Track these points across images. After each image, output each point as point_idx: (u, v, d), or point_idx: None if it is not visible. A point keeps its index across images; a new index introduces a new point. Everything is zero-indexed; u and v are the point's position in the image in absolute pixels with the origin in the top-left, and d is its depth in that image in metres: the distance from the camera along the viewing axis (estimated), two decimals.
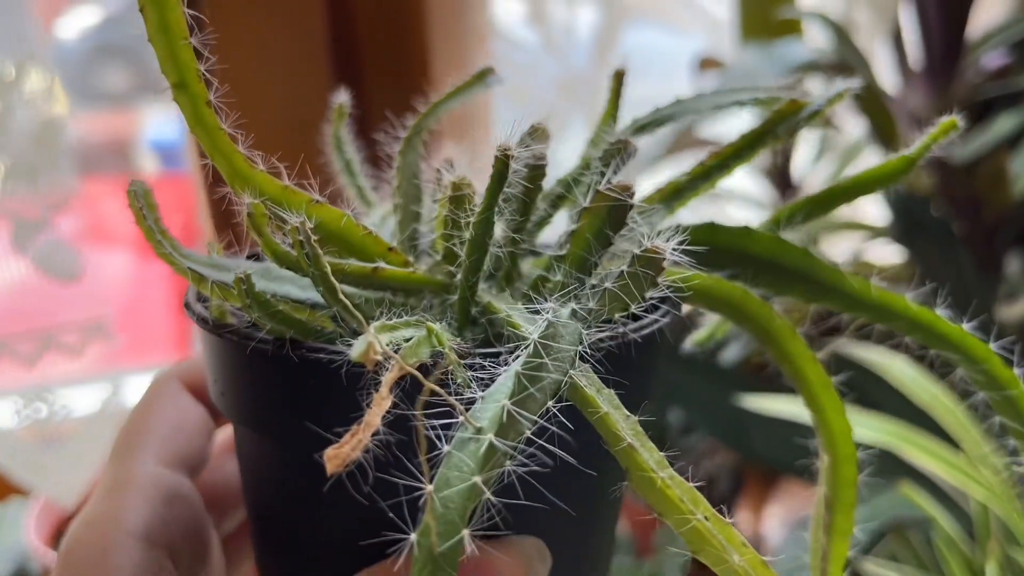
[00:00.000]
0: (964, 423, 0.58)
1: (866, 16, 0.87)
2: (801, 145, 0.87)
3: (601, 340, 0.23)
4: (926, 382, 0.60)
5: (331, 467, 0.20)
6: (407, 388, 0.21)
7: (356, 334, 0.23)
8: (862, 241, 0.80)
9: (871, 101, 0.70)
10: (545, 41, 0.72)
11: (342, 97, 0.33)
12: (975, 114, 0.87)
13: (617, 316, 0.24)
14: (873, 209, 0.82)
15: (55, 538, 0.74)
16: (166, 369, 0.31)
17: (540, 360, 0.21)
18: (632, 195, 0.23)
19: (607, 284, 0.23)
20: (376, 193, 0.33)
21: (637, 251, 0.22)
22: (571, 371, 0.22)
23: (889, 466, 0.58)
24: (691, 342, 0.35)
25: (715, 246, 0.27)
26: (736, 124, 0.84)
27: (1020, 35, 0.83)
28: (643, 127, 0.33)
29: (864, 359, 0.64)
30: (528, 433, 0.20)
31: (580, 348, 0.22)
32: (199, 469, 0.30)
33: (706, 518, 0.20)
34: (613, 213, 0.23)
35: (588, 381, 0.22)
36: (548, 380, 0.21)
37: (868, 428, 0.56)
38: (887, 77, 0.85)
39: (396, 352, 0.21)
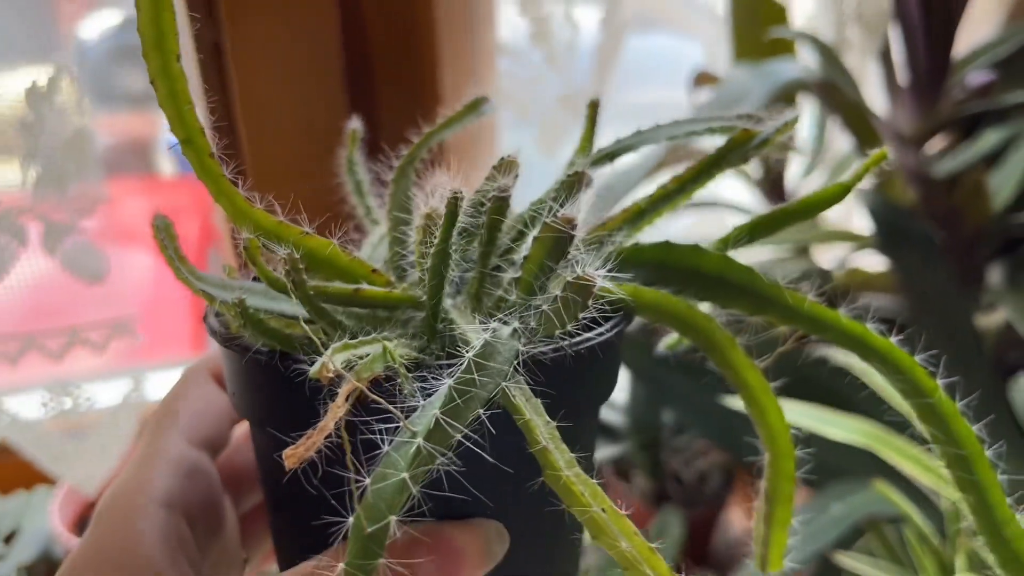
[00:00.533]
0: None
1: (857, 36, 0.90)
2: (794, 159, 0.90)
3: (543, 354, 0.26)
4: None
5: (288, 464, 0.23)
6: (367, 398, 0.24)
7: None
8: (850, 251, 0.83)
9: (856, 118, 0.73)
10: (548, 57, 0.75)
11: (355, 124, 0.36)
12: (963, 129, 0.90)
13: (570, 328, 0.26)
14: (860, 220, 0.85)
15: (78, 524, 0.77)
16: (198, 360, 0.35)
17: (471, 376, 0.24)
18: (574, 227, 0.26)
19: (543, 307, 0.26)
20: (382, 211, 0.36)
21: (569, 278, 0.25)
22: (504, 383, 0.24)
23: (866, 465, 0.61)
24: (663, 346, 0.38)
25: (669, 263, 0.30)
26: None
27: (1004, 54, 0.86)
28: (605, 156, 0.36)
29: (848, 364, 0.66)
30: (458, 437, 0.23)
31: (515, 362, 0.25)
32: (219, 450, 0.34)
33: (603, 510, 0.22)
34: (556, 244, 0.26)
35: (520, 392, 0.25)
36: (476, 394, 0.24)
37: (846, 429, 0.59)
38: (877, 94, 0.88)
39: (352, 368, 0.24)
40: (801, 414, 0.59)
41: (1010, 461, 0.59)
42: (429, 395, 0.24)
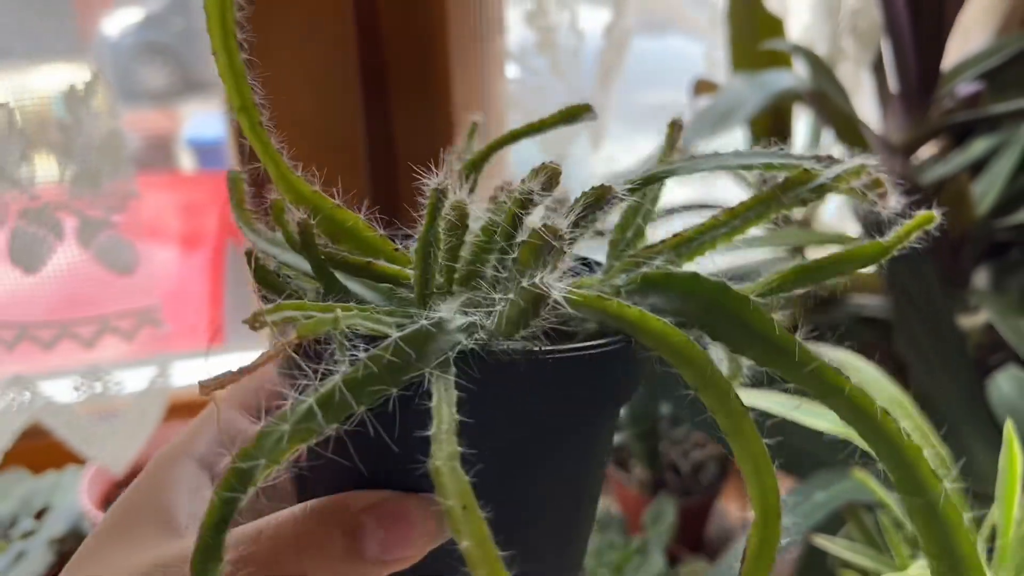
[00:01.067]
0: (915, 419, 0.63)
1: (852, 47, 0.93)
2: None
3: (489, 352, 0.26)
4: (887, 383, 0.66)
5: (200, 392, 0.24)
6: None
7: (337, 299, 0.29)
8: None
9: (846, 127, 0.76)
10: (552, 66, 0.79)
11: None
12: (957, 137, 0.93)
13: (524, 334, 0.26)
14: (853, 223, 0.88)
15: (105, 501, 0.82)
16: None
17: (382, 355, 0.24)
18: (559, 237, 0.26)
19: (499, 307, 0.26)
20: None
21: (524, 284, 0.25)
22: (428, 369, 0.24)
23: (838, 447, 0.64)
24: None
25: (670, 288, 0.29)
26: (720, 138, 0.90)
27: (993, 65, 0.88)
28: (653, 177, 0.33)
29: (837, 360, 0.69)
30: (358, 408, 0.23)
31: (449, 354, 0.25)
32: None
33: (464, 507, 0.22)
34: (538, 251, 0.26)
35: (442, 382, 0.25)
36: (380, 373, 0.24)
37: (827, 420, 0.62)
38: (871, 103, 0.91)
39: (292, 323, 0.25)
40: (787, 405, 0.62)
41: (986, 453, 0.63)
42: None
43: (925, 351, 0.74)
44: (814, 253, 0.93)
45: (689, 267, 0.32)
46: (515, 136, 0.36)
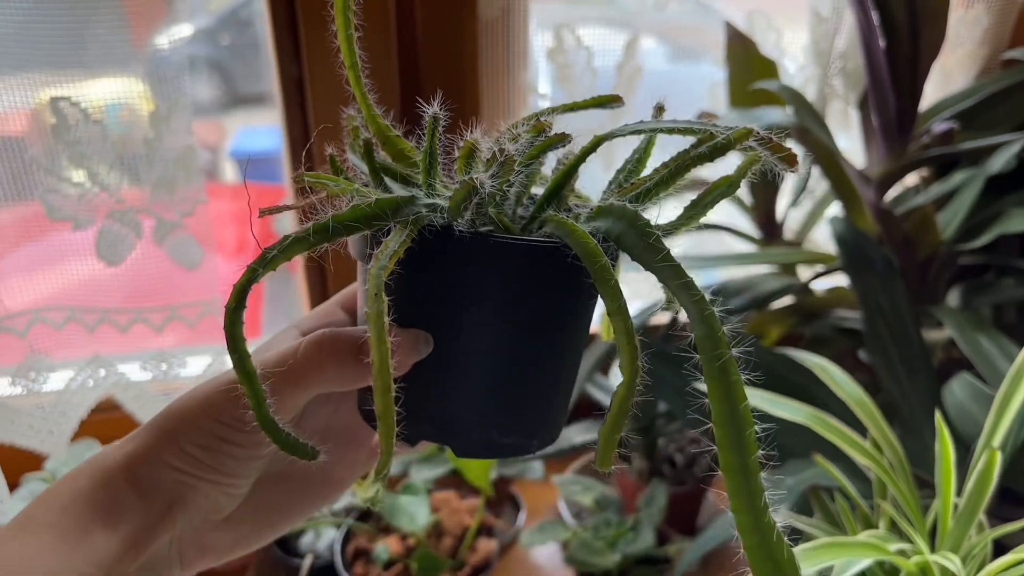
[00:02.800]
0: (873, 415, 0.71)
1: (841, 86, 1.01)
2: (784, 192, 1.01)
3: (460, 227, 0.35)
4: (852, 385, 0.74)
5: (258, 215, 0.35)
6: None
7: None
8: (823, 269, 0.94)
9: (827, 160, 0.84)
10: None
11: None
12: (940, 170, 1.01)
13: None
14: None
15: None
16: None
17: (362, 206, 0.34)
18: (506, 154, 0.35)
19: (448, 193, 0.37)
20: None
21: (464, 178, 0.35)
22: (393, 222, 0.34)
23: (807, 442, 0.72)
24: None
25: (608, 215, 0.35)
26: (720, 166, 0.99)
27: (968, 106, 0.97)
28: (602, 139, 0.39)
29: (809, 362, 0.77)
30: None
31: (408, 217, 0.34)
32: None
33: (376, 294, 0.31)
34: (492, 161, 0.36)
35: (400, 230, 0.34)
36: (357, 217, 0.34)
37: (791, 411, 0.71)
38: (858, 138, 0.99)
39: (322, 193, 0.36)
40: (756, 397, 0.71)
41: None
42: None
43: (892, 360, 0.82)
44: (803, 270, 1.02)
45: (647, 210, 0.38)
46: (552, 111, 0.43)
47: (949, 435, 0.65)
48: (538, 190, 0.41)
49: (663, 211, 0.40)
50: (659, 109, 0.42)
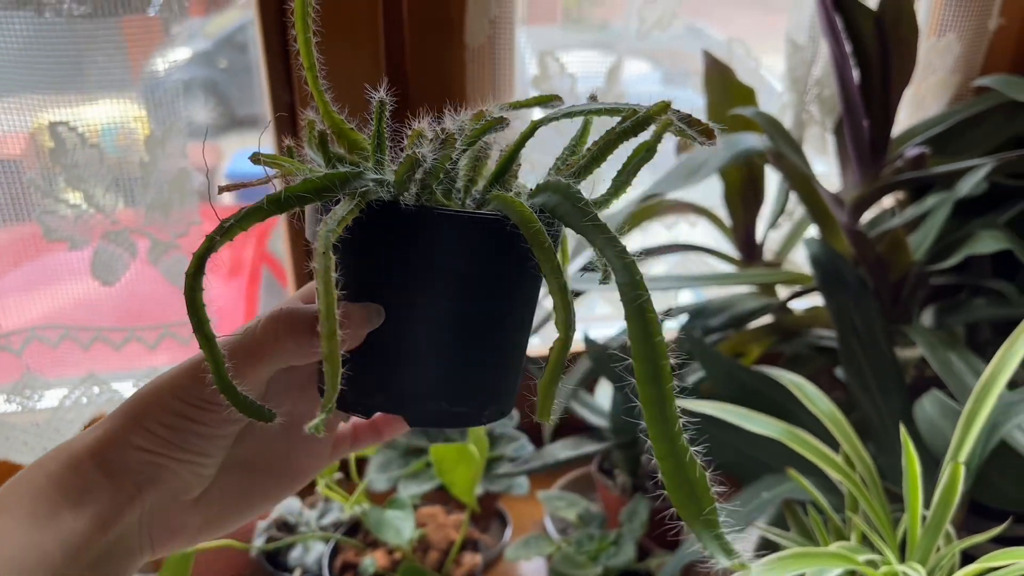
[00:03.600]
0: (846, 430, 0.73)
1: (817, 112, 1.04)
2: (763, 213, 1.04)
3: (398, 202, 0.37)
4: (825, 400, 0.76)
5: (218, 192, 0.37)
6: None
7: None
8: (800, 289, 0.97)
9: (802, 183, 0.87)
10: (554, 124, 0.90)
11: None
12: (915, 193, 1.03)
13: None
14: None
15: None
16: None
17: (313, 179, 0.36)
18: (448, 133, 0.37)
19: (394, 167, 0.39)
20: None
21: (408, 152, 0.37)
22: (341, 194, 0.36)
23: (785, 457, 0.74)
24: None
25: (547, 190, 0.38)
26: (702, 191, 1.01)
27: (939, 131, 0.99)
28: (543, 122, 0.42)
29: (785, 380, 0.79)
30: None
31: (357, 190, 0.36)
32: None
33: (323, 252, 0.33)
34: (434, 140, 0.38)
35: (347, 201, 0.36)
36: (308, 190, 0.36)
37: (763, 426, 0.72)
38: (835, 163, 1.02)
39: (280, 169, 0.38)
40: (730, 412, 0.73)
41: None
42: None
43: (866, 378, 0.84)
44: (782, 290, 1.04)
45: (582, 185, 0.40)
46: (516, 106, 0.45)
47: (915, 450, 0.67)
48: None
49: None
50: (592, 99, 0.44)
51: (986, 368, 0.70)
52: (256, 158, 0.40)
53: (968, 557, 0.65)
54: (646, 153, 0.39)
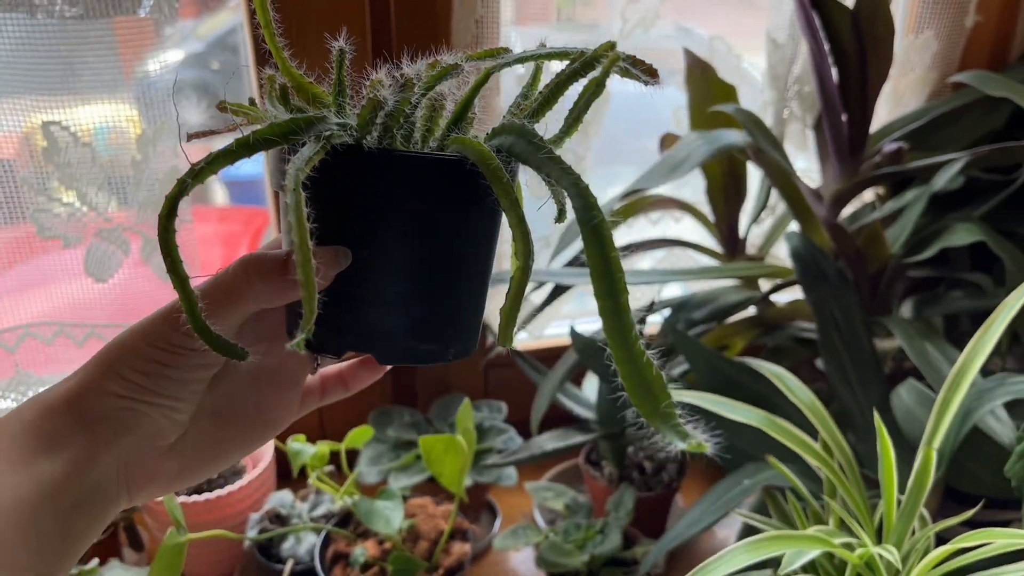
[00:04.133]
0: (825, 419, 0.75)
1: (798, 108, 1.06)
2: (746, 207, 1.05)
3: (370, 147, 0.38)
4: (805, 390, 0.78)
5: (187, 140, 0.38)
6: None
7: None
8: (781, 282, 0.98)
9: (781, 178, 0.88)
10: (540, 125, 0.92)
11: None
12: (895, 187, 1.05)
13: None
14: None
15: None
16: None
17: (279, 123, 0.37)
18: (406, 78, 0.38)
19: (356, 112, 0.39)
20: None
21: (370, 95, 0.38)
22: (306, 137, 0.37)
23: (765, 446, 0.75)
24: None
25: (504, 132, 0.39)
26: (688, 187, 1.03)
27: (917, 126, 1.01)
28: (497, 67, 0.42)
29: (768, 370, 0.81)
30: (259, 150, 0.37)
31: (321, 133, 0.37)
32: None
33: (294, 189, 0.35)
34: (393, 85, 0.39)
35: (312, 144, 0.36)
36: (275, 133, 0.37)
37: (743, 415, 0.74)
38: (814, 162, 1.03)
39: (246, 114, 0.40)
40: (712, 402, 0.74)
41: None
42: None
43: (845, 368, 0.86)
44: (764, 284, 1.06)
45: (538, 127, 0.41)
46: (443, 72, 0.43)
47: (891, 438, 0.68)
48: None
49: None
50: (542, 45, 0.45)
51: (959, 356, 0.72)
52: (222, 106, 0.41)
53: (943, 540, 0.67)
54: (596, 88, 0.40)
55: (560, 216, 0.44)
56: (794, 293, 1.03)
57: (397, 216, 0.40)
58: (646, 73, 0.38)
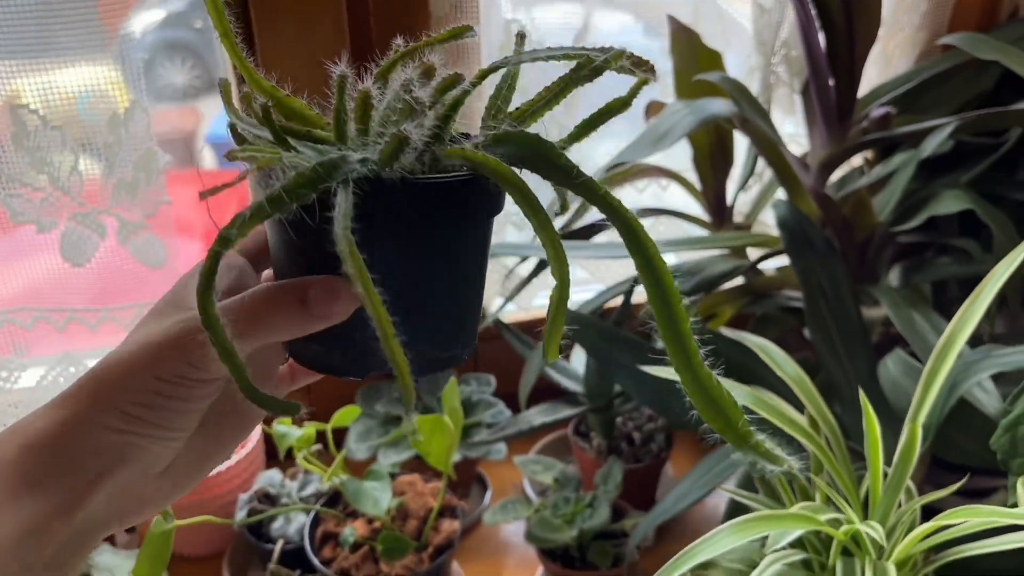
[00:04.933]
0: (811, 393, 0.75)
1: (785, 73, 1.04)
2: (733, 177, 1.04)
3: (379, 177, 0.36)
4: (790, 362, 0.77)
5: (199, 199, 0.35)
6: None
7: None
8: (768, 251, 0.97)
9: (768, 147, 0.87)
10: (520, 87, 0.90)
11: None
12: (883, 152, 1.04)
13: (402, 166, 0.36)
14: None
15: None
16: None
17: (306, 172, 0.34)
18: (421, 103, 0.37)
19: (380, 147, 0.36)
20: None
21: (394, 131, 0.35)
22: (335, 183, 0.35)
23: (751, 420, 0.75)
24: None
25: (509, 142, 0.38)
26: (673, 155, 1.01)
27: (906, 89, 0.99)
28: (493, 69, 0.41)
29: (753, 343, 0.80)
30: (292, 205, 0.34)
31: (349, 175, 0.35)
32: (260, 261, 0.46)
33: (349, 251, 0.33)
34: (410, 112, 0.38)
35: (343, 190, 0.35)
36: (304, 183, 0.34)
37: (735, 394, 0.73)
38: (802, 127, 1.02)
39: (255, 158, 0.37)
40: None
41: (879, 426, 0.73)
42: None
43: (832, 338, 0.85)
44: (752, 252, 1.05)
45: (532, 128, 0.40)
46: (412, 51, 0.43)
47: (876, 411, 0.68)
48: None
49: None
50: (520, 37, 0.45)
51: (947, 326, 0.71)
52: (232, 156, 0.38)
53: (930, 511, 0.67)
54: (621, 106, 0.40)
55: (562, 208, 0.44)
56: (783, 259, 1.02)
57: (418, 239, 0.39)
58: (647, 72, 0.38)
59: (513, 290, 1.01)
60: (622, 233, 0.35)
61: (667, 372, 0.75)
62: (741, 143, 1.03)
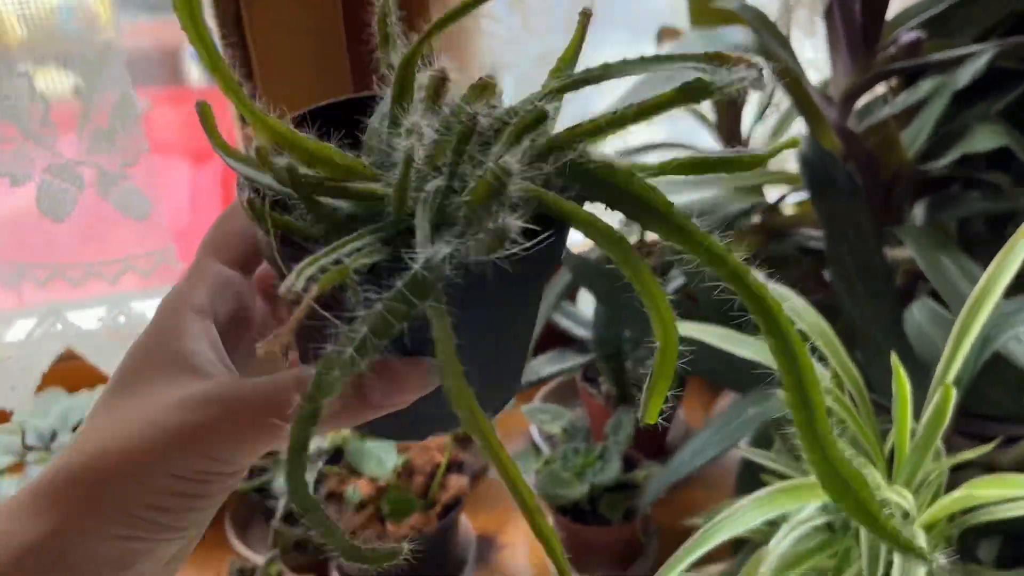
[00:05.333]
0: (834, 345, 0.71)
1: None
2: (748, 105, 0.98)
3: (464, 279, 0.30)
4: (811, 312, 0.73)
5: (260, 352, 0.28)
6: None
7: (326, 228, 0.32)
8: (788, 189, 0.92)
9: (792, 83, 0.81)
10: (523, 23, 0.84)
11: None
12: (908, 79, 0.97)
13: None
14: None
15: None
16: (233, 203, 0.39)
17: (394, 305, 0.28)
18: (509, 174, 0.29)
19: (470, 242, 0.29)
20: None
21: (490, 225, 0.28)
22: (427, 303, 0.29)
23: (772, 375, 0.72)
24: None
25: (599, 176, 0.33)
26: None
27: (935, 12, 0.93)
28: (572, 84, 0.36)
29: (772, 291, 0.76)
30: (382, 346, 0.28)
31: (439, 284, 0.29)
32: (252, 268, 0.39)
33: (472, 411, 0.30)
34: (492, 189, 0.29)
35: (435, 312, 0.29)
36: (393, 317, 0.28)
37: (753, 350, 0.70)
38: (823, 51, 0.95)
39: (314, 280, 0.28)
40: (716, 336, 0.70)
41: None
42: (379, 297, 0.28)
43: (854, 283, 0.81)
44: (769, 191, 1.00)
45: (603, 148, 0.35)
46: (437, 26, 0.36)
47: (904, 367, 0.64)
48: None
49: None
50: (585, 15, 0.38)
51: (982, 276, 0.67)
52: (289, 294, 0.29)
53: (957, 468, 0.64)
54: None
55: (662, 273, 0.39)
56: (798, 195, 0.97)
57: (501, 306, 0.36)
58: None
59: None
60: (753, 311, 0.32)
61: (685, 330, 0.72)
62: None
